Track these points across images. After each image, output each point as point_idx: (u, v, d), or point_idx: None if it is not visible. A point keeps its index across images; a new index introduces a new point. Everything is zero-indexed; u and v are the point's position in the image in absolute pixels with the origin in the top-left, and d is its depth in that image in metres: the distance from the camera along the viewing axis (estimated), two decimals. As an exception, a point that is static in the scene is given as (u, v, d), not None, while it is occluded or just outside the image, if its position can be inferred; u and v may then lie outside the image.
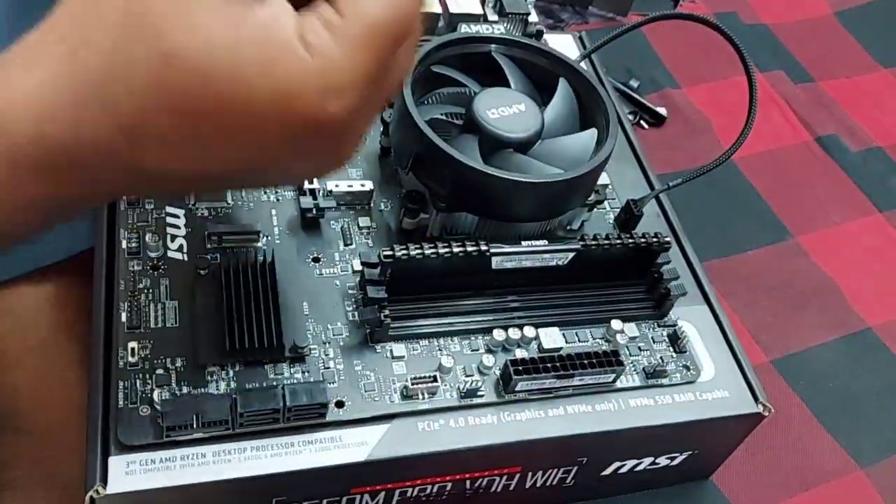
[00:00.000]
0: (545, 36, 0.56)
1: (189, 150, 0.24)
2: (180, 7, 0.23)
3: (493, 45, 0.44)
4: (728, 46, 0.57)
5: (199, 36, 0.23)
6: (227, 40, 0.23)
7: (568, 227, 0.44)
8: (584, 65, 0.46)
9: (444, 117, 0.42)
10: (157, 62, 0.23)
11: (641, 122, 0.66)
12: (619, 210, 0.46)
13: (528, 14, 0.54)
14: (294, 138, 0.25)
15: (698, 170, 0.45)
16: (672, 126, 0.68)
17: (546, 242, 0.39)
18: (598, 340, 0.40)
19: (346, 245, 0.41)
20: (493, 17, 0.53)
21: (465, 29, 0.50)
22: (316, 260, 0.40)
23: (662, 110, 0.67)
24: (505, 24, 0.54)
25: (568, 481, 0.42)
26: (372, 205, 0.43)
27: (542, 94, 0.45)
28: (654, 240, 0.40)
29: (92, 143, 0.24)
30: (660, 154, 0.64)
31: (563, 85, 0.44)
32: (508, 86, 0.44)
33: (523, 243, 0.39)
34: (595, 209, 0.45)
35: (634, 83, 0.67)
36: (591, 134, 0.42)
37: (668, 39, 0.75)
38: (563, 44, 0.58)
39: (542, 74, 0.45)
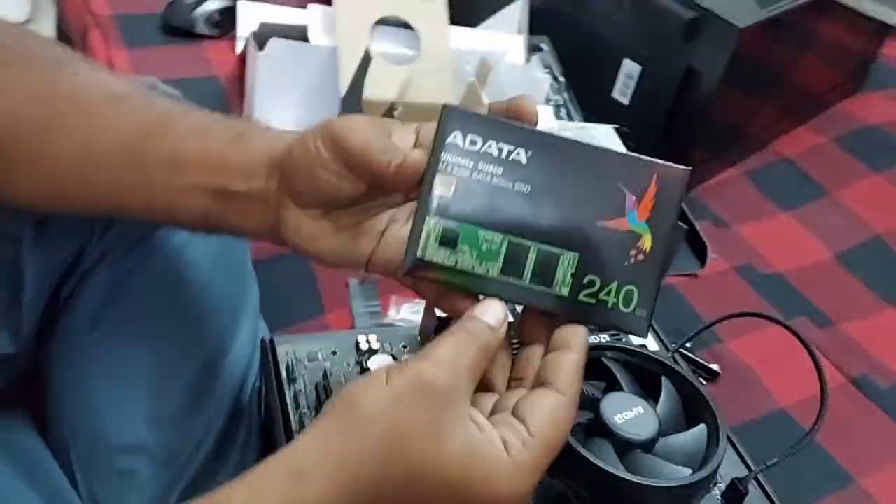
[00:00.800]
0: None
1: None
2: (429, 435, 0.34)
3: (607, 353, 0.52)
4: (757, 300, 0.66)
5: (444, 456, 0.34)
6: (462, 458, 0.34)
7: (687, 511, 0.50)
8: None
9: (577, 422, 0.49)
10: (410, 475, 0.34)
11: (700, 380, 0.73)
12: (724, 487, 0.53)
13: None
14: None
15: (790, 450, 0.52)
16: (725, 380, 0.76)
17: (688, 540, 0.44)
18: None
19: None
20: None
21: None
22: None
23: (715, 367, 0.75)
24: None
25: None
26: (517, 505, 0.49)
27: (640, 384, 0.52)
28: (774, 525, 0.46)
29: None
30: (720, 408, 0.71)
31: (666, 384, 0.52)
32: (618, 386, 0.51)
33: (668, 540, 0.44)
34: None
35: (687, 344, 0.76)
36: (702, 429, 0.49)
37: (703, 297, 0.84)
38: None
39: (639, 368, 0.53)
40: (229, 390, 0.57)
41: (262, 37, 0.85)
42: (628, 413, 0.49)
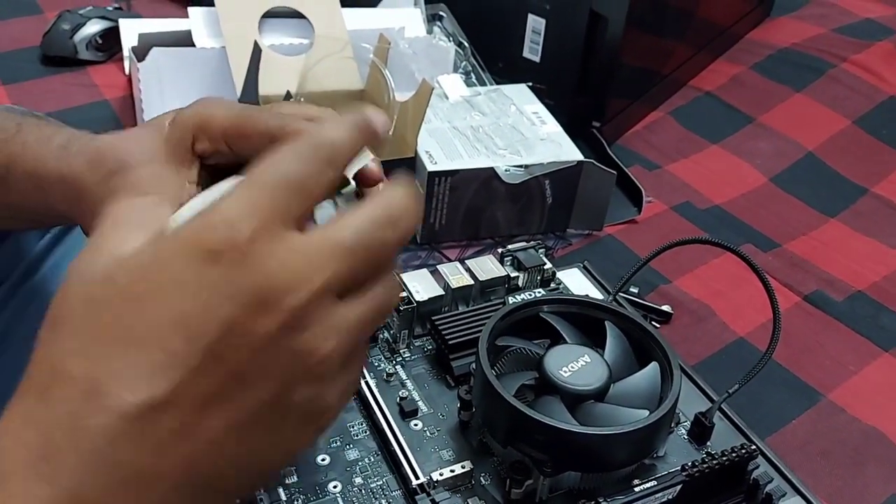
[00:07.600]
0: (557, 274, 0.62)
1: None
2: None
3: (544, 307, 0.49)
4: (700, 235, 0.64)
5: None
6: None
7: (655, 455, 0.47)
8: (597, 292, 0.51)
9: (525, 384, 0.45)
10: None
11: (653, 323, 0.71)
12: (689, 424, 0.50)
13: (544, 264, 0.60)
14: None
15: (749, 374, 0.50)
16: (679, 319, 0.73)
17: (656, 483, 0.41)
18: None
19: (465, 529, 0.43)
20: (514, 274, 0.58)
21: (511, 300, 0.55)
22: (443, 553, 0.41)
23: (667, 308, 0.72)
24: (524, 275, 0.59)
25: None
26: (473, 482, 0.45)
27: (586, 335, 0.49)
28: (744, 452, 0.43)
29: None
30: (680, 349, 0.68)
31: (610, 327, 0.49)
32: (562, 340, 0.48)
33: (635, 489, 0.41)
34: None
35: (634, 289, 0.73)
36: (654, 367, 0.46)
37: (644, 241, 0.82)
38: (573, 276, 0.64)
39: (581, 318, 0.50)
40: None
41: (143, 49, 0.80)
42: (574, 364, 0.46)
